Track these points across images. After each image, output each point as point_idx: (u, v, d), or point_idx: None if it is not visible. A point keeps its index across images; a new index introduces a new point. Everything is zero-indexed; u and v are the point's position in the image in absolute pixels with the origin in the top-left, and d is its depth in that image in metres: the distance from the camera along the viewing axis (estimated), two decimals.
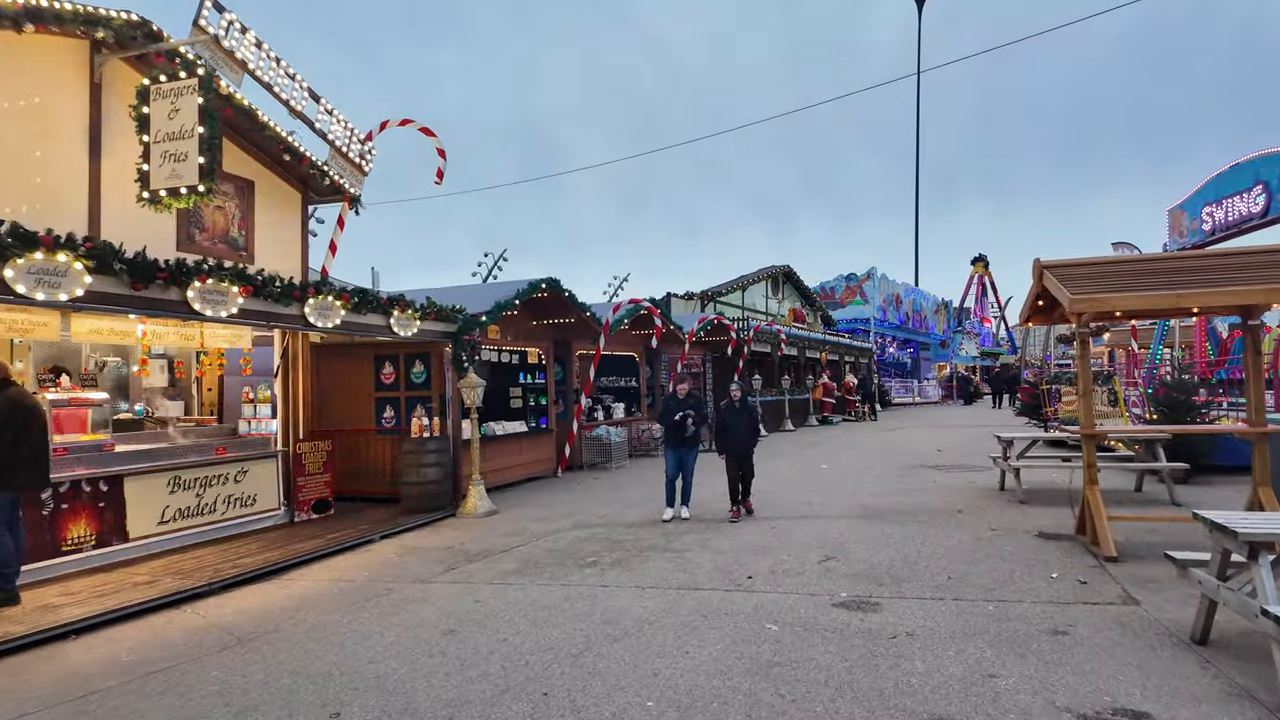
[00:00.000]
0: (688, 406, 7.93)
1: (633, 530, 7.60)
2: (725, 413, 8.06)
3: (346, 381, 10.19)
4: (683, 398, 8.03)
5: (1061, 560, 5.94)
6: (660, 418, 8.17)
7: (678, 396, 8.06)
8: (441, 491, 8.74)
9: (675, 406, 7.98)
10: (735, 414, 7.96)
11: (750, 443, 7.99)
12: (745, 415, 7.99)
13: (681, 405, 7.95)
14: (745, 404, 8.07)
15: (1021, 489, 8.63)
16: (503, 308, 9.44)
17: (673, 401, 8.05)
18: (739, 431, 7.90)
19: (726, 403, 8.12)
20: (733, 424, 7.92)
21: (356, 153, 8.39)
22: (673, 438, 8.02)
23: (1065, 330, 25.27)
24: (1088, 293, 5.65)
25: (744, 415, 7.98)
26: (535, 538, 7.41)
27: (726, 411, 8.04)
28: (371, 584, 5.92)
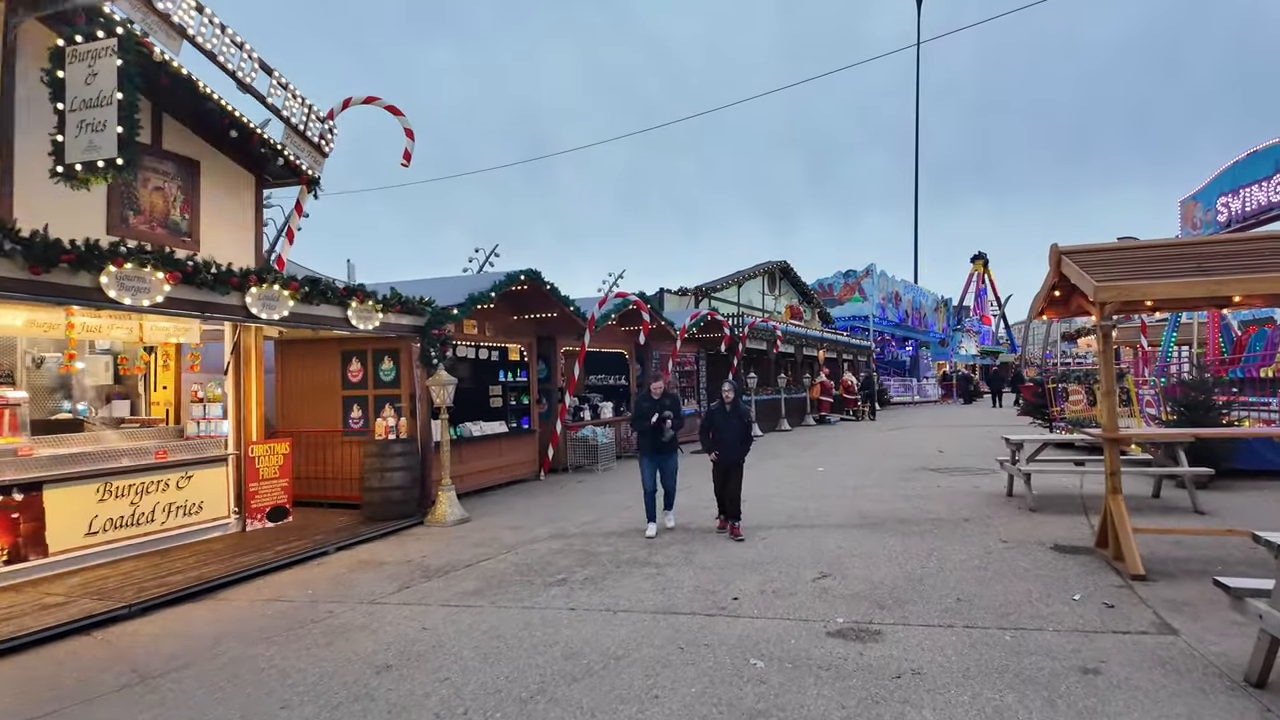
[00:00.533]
0: (664, 407, 7.05)
1: (612, 540, 6.99)
2: (715, 415, 7.07)
3: (312, 379, 9.57)
4: (658, 398, 7.13)
5: (1082, 578, 5.33)
6: (633, 421, 7.25)
7: (651, 396, 7.18)
8: (408, 498, 8.12)
9: (650, 408, 7.09)
10: (726, 417, 6.99)
11: (740, 451, 6.98)
12: (737, 420, 6.97)
13: (657, 406, 7.08)
14: (739, 407, 7.08)
15: (1032, 495, 8.03)
16: (476, 301, 8.82)
17: (646, 402, 7.16)
18: (728, 438, 6.93)
19: (718, 404, 7.11)
20: (722, 428, 6.97)
21: (316, 132, 7.76)
22: (648, 444, 7.15)
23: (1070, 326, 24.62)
24: (1114, 280, 5.04)
25: (735, 419, 6.96)
26: (505, 550, 6.80)
27: (717, 414, 7.05)
28: (313, 605, 5.30)
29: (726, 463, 6.99)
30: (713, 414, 7.10)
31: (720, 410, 7.07)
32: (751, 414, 7.18)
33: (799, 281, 29.15)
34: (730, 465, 6.99)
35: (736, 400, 7.10)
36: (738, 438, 6.95)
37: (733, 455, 6.97)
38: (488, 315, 10.45)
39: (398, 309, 7.73)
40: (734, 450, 6.96)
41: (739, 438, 6.96)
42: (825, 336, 25.56)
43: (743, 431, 6.99)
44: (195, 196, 7.02)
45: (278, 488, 7.81)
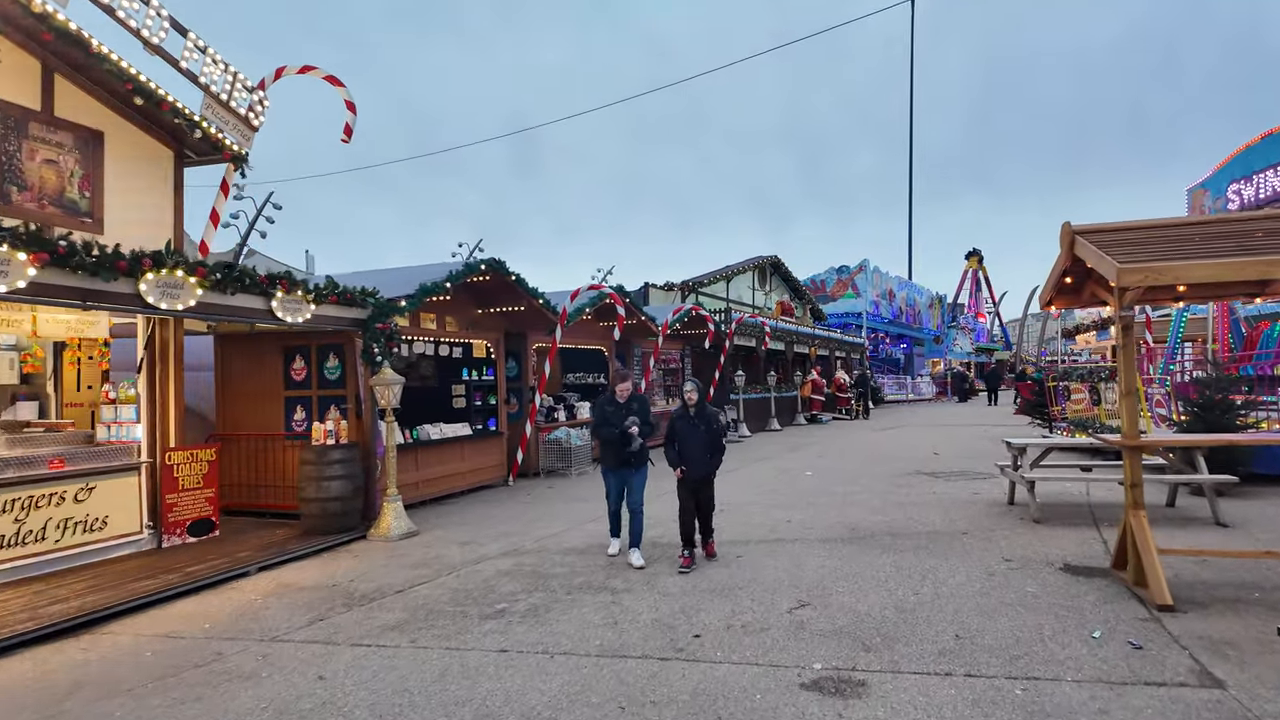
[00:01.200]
0: (630, 412, 5.96)
1: (570, 559, 6.23)
2: (676, 422, 5.92)
3: (253, 378, 8.79)
4: (623, 400, 6.02)
5: (1101, 608, 4.60)
6: (594, 429, 6.12)
7: (616, 400, 6.03)
8: (349, 510, 7.34)
9: (613, 414, 5.96)
10: (690, 425, 5.84)
11: (709, 465, 5.86)
12: (704, 426, 5.84)
13: (622, 411, 5.98)
14: (705, 411, 5.92)
15: (1036, 505, 7.30)
16: (429, 292, 8.04)
17: (609, 406, 6.03)
18: (693, 449, 5.81)
19: (679, 409, 6.00)
20: (687, 438, 5.84)
21: (244, 103, 6.97)
22: (612, 456, 6.02)
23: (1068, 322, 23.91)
24: (1141, 262, 4.30)
25: (701, 427, 5.84)
26: (447, 571, 6.03)
27: (679, 421, 5.90)
28: (204, 644, 4.53)
29: (694, 479, 5.86)
30: (674, 421, 5.94)
31: (683, 416, 5.91)
32: (723, 418, 5.95)
33: (790, 277, 28.42)
34: (698, 482, 5.88)
35: (702, 403, 5.95)
36: (705, 448, 5.82)
37: (700, 469, 5.84)
38: (448, 308, 9.67)
39: (334, 300, 6.95)
40: (701, 464, 5.83)
41: (707, 448, 5.83)
42: (817, 333, 24.84)
43: (711, 441, 5.85)
44: (98, 172, 6.21)
45: (202, 499, 7.02)
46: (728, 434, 17.54)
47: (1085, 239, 4.81)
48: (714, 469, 5.96)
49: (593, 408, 6.34)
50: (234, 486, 8.80)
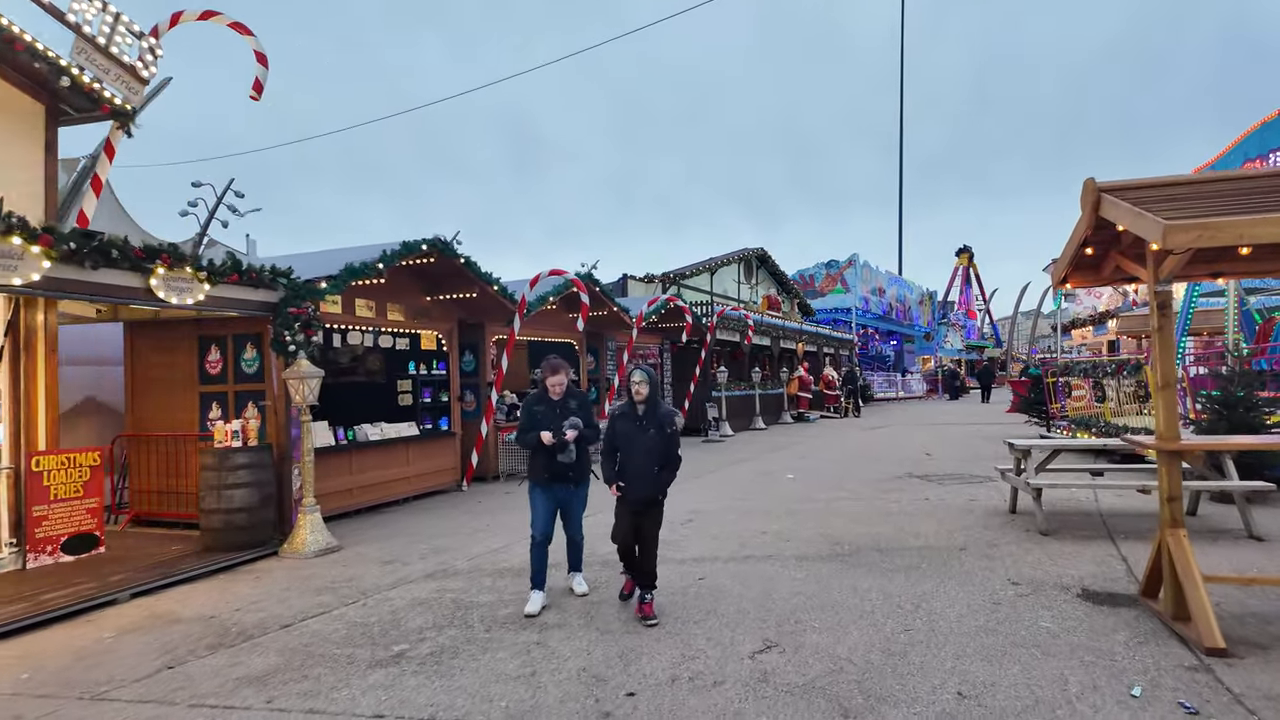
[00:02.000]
0: (567, 412, 4.60)
1: (502, 584, 5.30)
2: (618, 423, 4.50)
3: (165, 371, 7.80)
4: (558, 399, 4.67)
5: (1135, 651, 3.71)
6: (519, 434, 4.69)
7: (549, 397, 4.68)
8: (257, 522, 6.37)
9: (545, 415, 4.61)
10: (636, 428, 4.42)
11: (656, 482, 4.41)
12: (655, 430, 4.40)
13: (556, 412, 4.61)
14: (656, 411, 4.46)
15: (1043, 515, 6.43)
16: (357, 274, 7.07)
17: (539, 406, 4.67)
18: (638, 459, 4.39)
19: (623, 406, 4.57)
20: (630, 444, 4.42)
21: (132, 51, 5.98)
22: (542, 468, 4.61)
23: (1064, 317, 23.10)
24: (1191, 216, 3.41)
25: (651, 430, 4.40)
26: (354, 598, 5.09)
27: (621, 421, 4.50)
28: (8, 701, 3.57)
29: (635, 501, 4.40)
30: (614, 422, 4.51)
31: (627, 415, 4.47)
32: (678, 421, 4.64)
33: (778, 271, 27.58)
34: (642, 502, 4.40)
35: (653, 400, 4.48)
36: (654, 459, 4.37)
37: (643, 488, 4.37)
38: (389, 294, 8.71)
39: (234, 279, 5.97)
40: (645, 480, 4.37)
41: (656, 459, 4.38)
42: (804, 329, 23.99)
43: (662, 450, 4.39)
44: None
45: (81, 510, 6.04)
46: (709, 432, 16.72)
47: (1116, 197, 3.92)
48: (663, 488, 4.45)
49: (521, 409, 4.90)
50: (145, 493, 7.83)
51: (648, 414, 4.46)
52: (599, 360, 13.79)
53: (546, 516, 4.72)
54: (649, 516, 4.50)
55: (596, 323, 13.20)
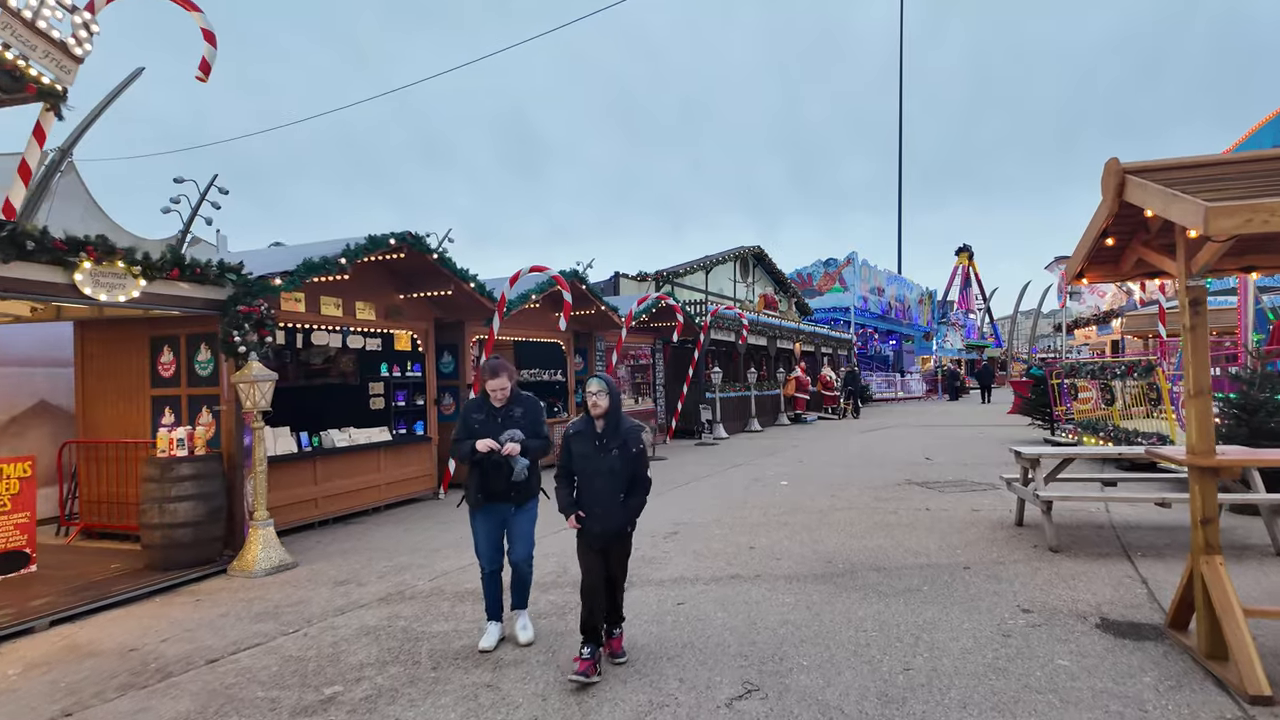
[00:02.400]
0: (509, 420, 3.94)
1: (462, 609, 4.82)
2: (574, 442, 3.74)
3: (116, 374, 7.32)
4: (500, 405, 3.98)
5: (1168, 698, 3.24)
6: (453, 445, 4.08)
7: (490, 404, 3.99)
8: (204, 537, 5.89)
9: (484, 424, 3.94)
10: (596, 448, 3.69)
11: (623, 512, 3.70)
12: (618, 449, 3.68)
13: (498, 420, 3.94)
14: (619, 427, 3.72)
15: (1053, 530, 5.95)
16: (317, 269, 6.59)
17: (478, 414, 3.99)
18: (598, 485, 3.67)
19: (579, 422, 3.80)
20: (589, 468, 3.69)
21: (63, 26, 5.49)
22: (480, 485, 3.93)
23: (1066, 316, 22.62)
24: (1238, 197, 2.93)
25: (613, 450, 3.67)
26: (296, 626, 4.62)
27: (577, 441, 3.73)
28: None
29: (600, 535, 3.67)
30: (569, 442, 3.76)
31: (584, 433, 3.71)
32: (645, 438, 3.97)
33: (775, 269, 27.10)
34: (606, 539, 3.69)
35: (615, 414, 3.71)
36: (618, 484, 3.67)
37: (607, 519, 3.65)
38: (358, 292, 8.23)
39: (174, 274, 5.48)
40: (609, 510, 3.65)
41: (621, 484, 3.68)
42: (802, 328, 23.52)
43: (627, 473, 3.69)
44: None
45: (9, 526, 5.56)
46: (703, 435, 16.23)
47: (1144, 178, 3.44)
48: (631, 517, 3.74)
49: (458, 417, 4.17)
50: (96, 504, 7.35)
51: (608, 431, 3.70)
52: (588, 361, 13.32)
53: (491, 543, 4.07)
54: (616, 550, 3.79)
55: (585, 322, 12.74)
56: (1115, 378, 9.26)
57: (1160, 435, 8.43)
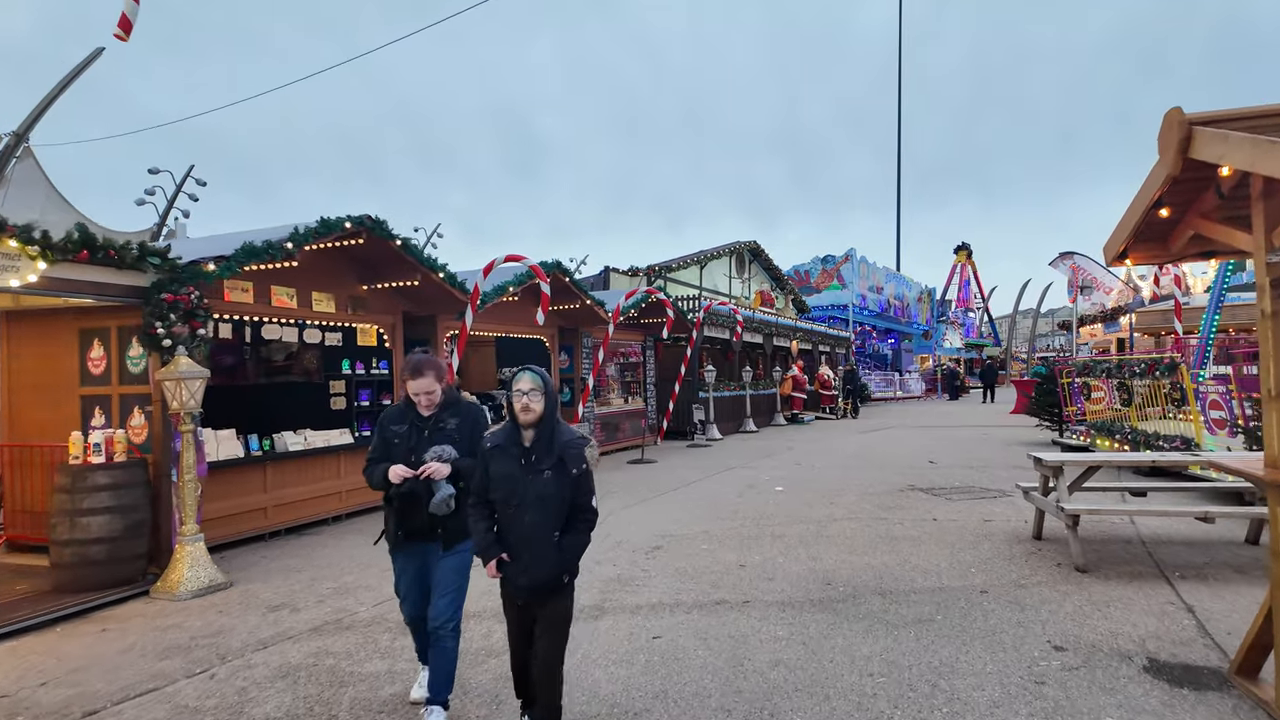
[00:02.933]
0: (441, 437, 3.05)
1: (402, 643, 4.15)
2: (495, 459, 2.74)
3: (45, 370, 6.62)
4: (428, 415, 3.09)
5: None
6: (366, 467, 3.15)
7: (417, 413, 3.11)
8: (122, 555, 5.22)
9: (405, 439, 3.08)
10: (525, 467, 2.70)
11: (559, 555, 2.70)
12: (548, 470, 2.68)
13: (423, 434, 3.07)
14: (555, 438, 2.73)
15: (1079, 548, 5.30)
16: (257, 255, 5.91)
17: (398, 425, 3.12)
18: (526, 516, 2.69)
19: (502, 433, 2.78)
20: (516, 492, 2.70)
21: None
22: (399, 520, 3.07)
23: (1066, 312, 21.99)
24: None
25: (545, 470, 2.68)
26: (203, 666, 3.95)
27: (499, 455, 2.73)
28: None
29: (526, 587, 2.72)
30: (488, 457, 2.77)
31: (507, 449, 2.74)
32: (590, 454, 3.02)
33: (771, 265, 26.43)
34: (535, 593, 2.73)
35: (549, 421, 2.73)
36: (551, 518, 2.70)
37: (538, 567, 2.69)
38: (315, 281, 7.56)
39: (83, 256, 4.81)
40: (540, 552, 2.69)
41: (555, 517, 2.71)
42: (799, 326, 22.87)
43: (563, 503, 2.72)
44: None
45: None
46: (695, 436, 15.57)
47: (1219, 129, 2.79)
48: (569, 564, 2.74)
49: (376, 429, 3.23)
50: (21, 514, 6.67)
51: (540, 445, 2.68)
52: (573, 359, 12.64)
53: (415, 590, 3.14)
54: (548, 614, 2.74)
55: (570, 318, 12.08)
56: (1134, 376, 8.62)
57: (1184, 439, 7.79)
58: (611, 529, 6.91)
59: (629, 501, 8.42)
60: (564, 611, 2.80)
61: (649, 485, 9.57)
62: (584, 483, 2.76)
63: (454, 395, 3.20)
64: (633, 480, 10.05)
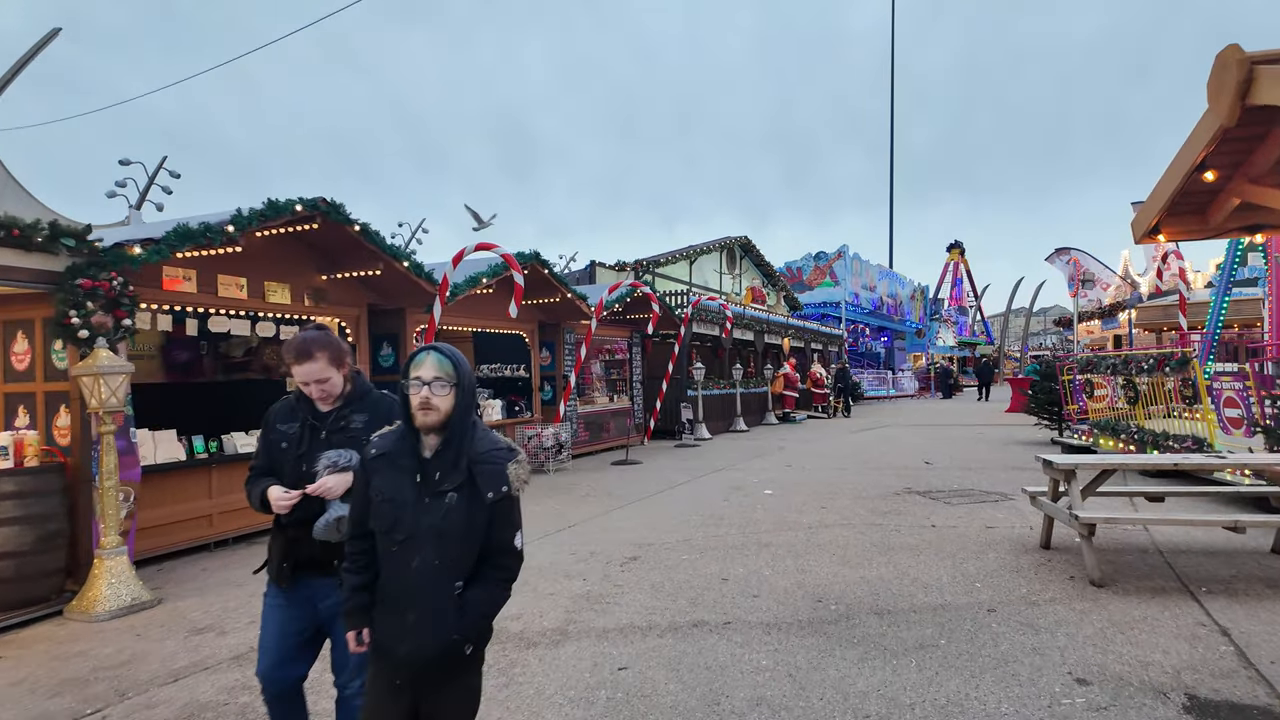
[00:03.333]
0: (343, 437, 2.36)
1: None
2: (378, 474, 1.95)
3: None
4: (328, 410, 2.41)
5: None
6: (247, 480, 2.47)
7: (313, 409, 2.43)
8: (32, 571, 4.67)
9: (294, 441, 2.40)
10: (419, 486, 1.90)
11: (458, 617, 1.89)
12: (457, 492, 1.89)
13: (319, 435, 2.38)
14: (463, 444, 1.93)
15: (1095, 561, 4.81)
16: (191, 238, 5.36)
17: (285, 425, 2.45)
18: (416, 558, 1.88)
19: (391, 437, 2.00)
20: (404, 521, 1.89)
21: None
22: (278, 552, 2.42)
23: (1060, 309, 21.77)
24: None
25: (448, 493, 1.89)
26: (100, 704, 3.41)
27: (381, 471, 1.95)
28: None
29: (406, 658, 1.89)
30: (370, 474, 1.98)
31: (395, 459, 1.95)
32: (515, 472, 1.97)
33: (763, 261, 25.96)
34: (419, 670, 1.90)
35: (458, 423, 1.93)
36: (451, 561, 1.89)
37: (425, 635, 1.87)
38: (269, 270, 7.02)
39: None
40: (429, 615, 1.87)
41: (457, 561, 1.91)
42: (791, 323, 22.41)
43: (470, 540, 1.92)
44: None
45: None
46: (684, 435, 15.07)
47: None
48: (469, 629, 1.92)
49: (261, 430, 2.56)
50: None
51: (445, 455, 1.93)
52: (555, 355, 12.12)
53: (280, 643, 2.40)
54: (443, 705, 1.95)
55: (551, 312, 11.56)
56: (1142, 372, 8.18)
57: (1196, 439, 7.34)
58: (586, 537, 6.40)
59: (609, 506, 7.92)
60: (467, 700, 1.98)
61: (631, 488, 9.07)
62: (504, 514, 1.96)
63: (363, 386, 2.52)
64: (614, 483, 9.56)
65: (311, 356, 2.35)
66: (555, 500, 8.32)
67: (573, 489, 9.09)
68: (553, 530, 6.73)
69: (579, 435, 12.24)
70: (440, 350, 1.98)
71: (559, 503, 8.18)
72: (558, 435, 10.57)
